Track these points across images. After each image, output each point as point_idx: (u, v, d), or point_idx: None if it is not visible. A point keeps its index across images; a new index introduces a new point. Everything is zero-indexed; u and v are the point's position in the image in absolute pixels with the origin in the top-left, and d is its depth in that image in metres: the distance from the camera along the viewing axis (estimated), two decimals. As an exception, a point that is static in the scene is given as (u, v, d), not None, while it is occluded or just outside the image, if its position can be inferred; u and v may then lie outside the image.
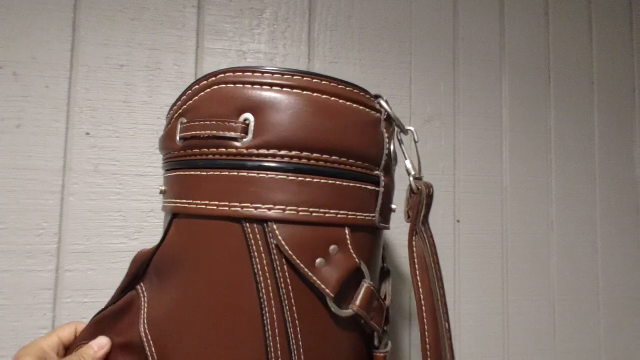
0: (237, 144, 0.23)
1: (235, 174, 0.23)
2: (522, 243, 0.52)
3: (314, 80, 0.24)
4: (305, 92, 0.23)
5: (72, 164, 0.42)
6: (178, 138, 0.25)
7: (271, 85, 0.23)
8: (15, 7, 0.42)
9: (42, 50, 0.43)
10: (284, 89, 0.23)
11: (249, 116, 0.23)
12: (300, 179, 0.23)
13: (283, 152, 0.23)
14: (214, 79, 0.24)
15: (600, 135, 0.57)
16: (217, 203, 0.23)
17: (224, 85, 0.23)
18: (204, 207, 0.23)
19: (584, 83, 0.57)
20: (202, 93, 0.24)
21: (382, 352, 0.26)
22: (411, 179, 0.28)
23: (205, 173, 0.23)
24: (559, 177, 0.54)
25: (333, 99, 0.24)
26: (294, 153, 0.23)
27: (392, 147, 0.27)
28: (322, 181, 0.23)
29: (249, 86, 0.23)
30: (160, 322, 0.24)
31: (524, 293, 0.52)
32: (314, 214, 0.23)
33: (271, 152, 0.23)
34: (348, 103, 0.24)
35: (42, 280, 0.41)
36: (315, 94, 0.23)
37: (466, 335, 0.50)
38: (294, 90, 0.23)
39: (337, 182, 0.24)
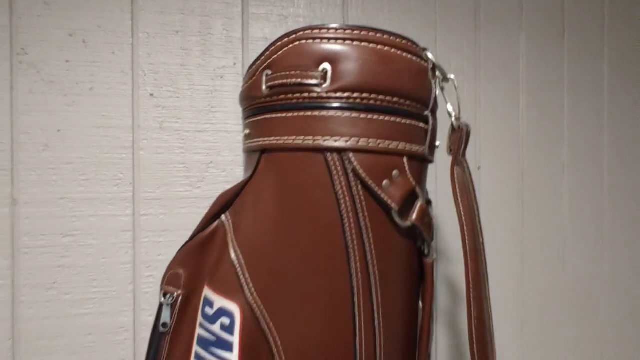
0: (317, 89, 0.28)
1: (317, 113, 0.28)
2: (536, 185, 0.58)
3: (377, 35, 0.29)
4: (370, 44, 0.28)
5: (140, 122, 0.48)
6: (264, 87, 0.30)
7: (343, 39, 0.28)
8: (82, -21, 0.46)
9: (105, 19, 0.47)
10: (354, 42, 0.28)
11: (326, 66, 0.28)
12: (369, 116, 0.28)
13: (355, 95, 0.28)
14: (294, 36, 0.29)
15: (608, 85, 0.61)
16: (302, 137, 0.28)
17: (303, 41, 0.28)
18: (290, 142, 0.29)
19: (596, 36, 0.61)
20: (285, 48, 0.29)
21: (431, 259, 0.33)
22: (452, 119, 0.33)
23: (290, 114, 0.29)
24: (570, 124, 0.59)
25: (392, 50, 0.29)
26: (363, 95, 0.28)
27: (437, 92, 0.32)
28: (386, 118, 0.29)
29: (325, 41, 0.28)
30: (250, 244, 0.30)
31: (538, 229, 0.58)
32: (380, 145, 0.28)
33: (345, 94, 0.28)
34: (404, 54, 0.29)
35: (122, 224, 0.47)
36: (378, 46, 0.28)
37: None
38: (362, 43, 0.28)
39: (397, 119, 0.29)
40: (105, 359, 0.47)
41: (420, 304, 0.35)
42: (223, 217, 0.33)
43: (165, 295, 0.31)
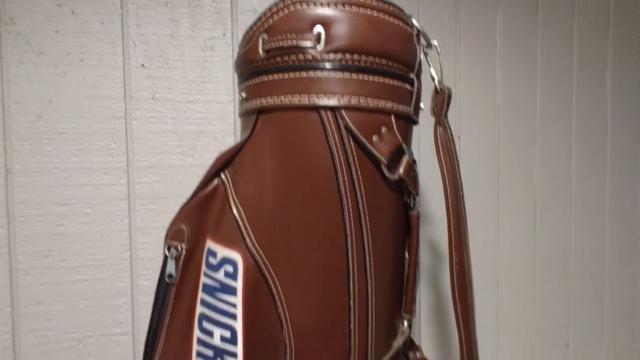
0: (312, 51, 0.30)
1: (312, 74, 0.30)
2: (511, 153, 0.62)
3: (367, 1, 0.31)
4: (361, 9, 0.30)
5: (132, 92, 0.49)
6: (261, 51, 0.32)
7: (335, 4, 0.30)
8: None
9: (93, -12, 0.47)
10: (345, 7, 0.30)
11: (320, 29, 0.30)
12: (360, 77, 0.30)
13: (347, 56, 0.30)
14: (289, 1, 0.30)
15: (577, 60, 0.65)
16: (298, 97, 0.30)
17: (298, 6, 0.30)
18: (287, 101, 0.31)
19: (567, 12, 0.65)
20: (281, 13, 0.31)
21: (416, 212, 0.36)
22: (435, 82, 0.36)
23: (286, 75, 0.31)
24: (543, 97, 0.63)
25: (381, 15, 0.31)
26: (355, 56, 0.30)
27: (421, 57, 0.35)
28: (376, 79, 0.31)
29: (319, 5, 0.30)
30: (250, 198, 0.33)
31: (512, 195, 0.62)
32: (370, 103, 0.31)
33: (338, 56, 0.30)
34: (392, 19, 0.32)
35: (117, 192, 0.49)
36: (368, 11, 0.30)
37: (465, 230, 0.60)
38: (353, 8, 0.30)
39: (386, 80, 0.31)
40: (104, 323, 0.49)
41: (407, 254, 0.38)
42: (222, 175, 0.34)
43: (169, 249, 0.33)
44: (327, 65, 0.30)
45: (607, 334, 0.68)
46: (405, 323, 0.37)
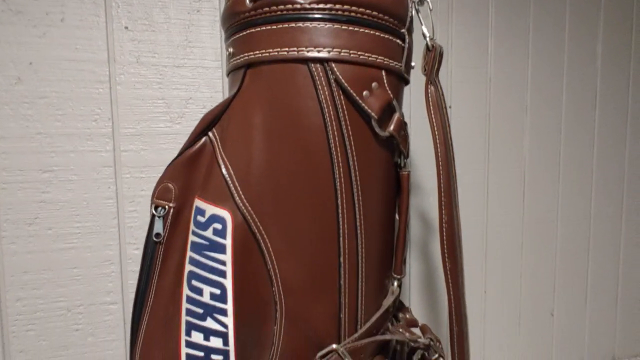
0: (300, 1, 0.29)
1: (301, 24, 0.29)
2: (501, 124, 0.62)
3: (357, -51, 0.30)
4: (351, -41, 0.29)
5: (116, 55, 0.47)
6: (248, 2, 0.31)
7: (325, -49, 0.29)
8: None
9: (73, -55, 0.45)
10: (336, -45, 0.29)
11: (309, -23, 0.29)
12: (350, 28, 0.30)
13: (337, 6, 0.29)
14: (277, -52, 0.29)
15: (569, 32, 0.65)
16: (287, 49, 0.30)
17: (286, -47, 0.29)
18: (275, 53, 0.30)
19: (560, -19, 0.64)
20: (269, -40, 0.30)
21: (406, 171, 0.35)
22: (427, 39, 0.35)
23: (274, 27, 0.30)
24: (534, 68, 0.63)
25: (372, -35, 0.30)
26: (345, 7, 0.29)
27: (413, 12, 0.34)
28: (366, 31, 0.30)
29: (308, -47, 0.29)
30: (239, 155, 0.32)
31: (501, 166, 0.62)
32: (361, 56, 0.30)
33: (327, 6, 0.29)
34: (383, -30, 0.31)
35: (103, 159, 0.47)
36: (359, -39, 0.30)
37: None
38: (343, -44, 0.29)
39: (377, 33, 0.31)
40: (93, 291, 0.48)
41: (397, 217, 0.38)
42: (210, 134, 0.34)
43: (156, 208, 0.33)
44: (317, 15, 0.29)
45: (590, 304, 0.70)
46: (396, 283, 0.37)
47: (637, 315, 0.73)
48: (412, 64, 0.36)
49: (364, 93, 0.31)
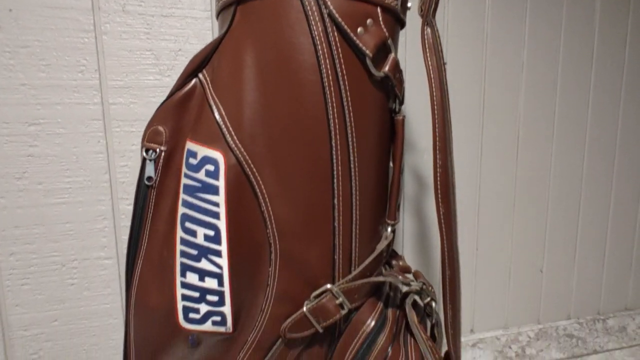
0: None
1: (293, -45, 0.28)
2: (497, 81, 0.61)
3: None
4: None
5: (100, 3, 0.45)
6: None
7: None
8: None
9: None
10: None
11: None
12: (344, -41, 0.29)
13: None
14: None
15: (569, -15, 0.64)
16: (279, -18, 0.28)
17: None
18: (267, -13, 0.29)
19: None
20: None
21: (401, 116, 0.35)
22: (423, -22, 0.34)
23: (266, -42, 0.29)
24: (532, 24, 0.62)
25: None
26: (339, -64, 0.28)
27: (409, -52, 0.33)
28: (361, -36, 0.29)
29: None
30: (231, 96, 0.31)
31: (496, 124, 0.62)
32: (355, -9, 0.29)
33: None
34: None
35: (91, 112, 0.46)
36: None
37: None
38: None
39: (372, -34, 0.30)
40: (87, 246, 0.48)
41: (391, 164, 0.37)
42: (200, 75, 0.33)
43: (147, 151, 0.32)
44: (309, -55, 0.28)
45: (578, 261, 0.72)
46: (389, 229, 0.37)
47: (622, 273, 0.75)
48: (409, 4, 0.35)
49: (359, 30, 0.30)
